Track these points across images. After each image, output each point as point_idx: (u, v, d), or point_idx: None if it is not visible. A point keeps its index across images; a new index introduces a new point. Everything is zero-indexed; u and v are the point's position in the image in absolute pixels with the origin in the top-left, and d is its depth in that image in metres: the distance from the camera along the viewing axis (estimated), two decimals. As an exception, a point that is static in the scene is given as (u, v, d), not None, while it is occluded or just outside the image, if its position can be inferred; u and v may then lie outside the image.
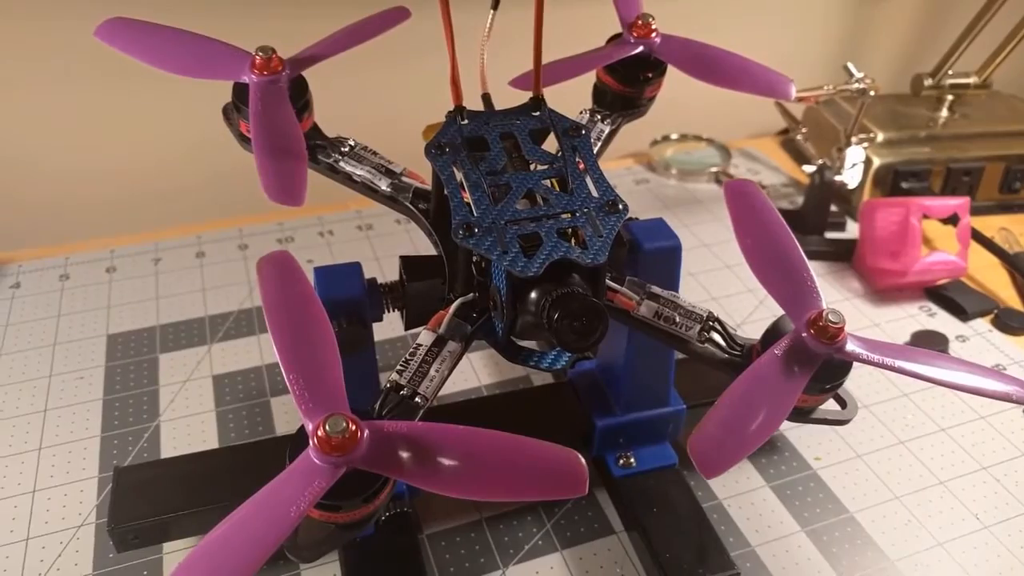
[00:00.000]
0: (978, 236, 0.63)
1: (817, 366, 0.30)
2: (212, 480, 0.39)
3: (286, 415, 0.48)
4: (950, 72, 0.74)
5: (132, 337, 0.54)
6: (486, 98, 0.36)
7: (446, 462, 0.26)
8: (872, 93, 0.64)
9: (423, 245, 0.42)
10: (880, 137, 0.71)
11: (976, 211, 0.70)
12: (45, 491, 0.43)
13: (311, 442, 0.25)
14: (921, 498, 0.45)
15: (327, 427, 0.25)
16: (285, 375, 0.27)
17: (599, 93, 0.42)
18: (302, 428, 0.26)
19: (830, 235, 0.66)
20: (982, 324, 0.58)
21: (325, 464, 0.25)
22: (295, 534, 0.28)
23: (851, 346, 0.30)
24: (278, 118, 0.33)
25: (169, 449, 0.46)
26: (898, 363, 0.30)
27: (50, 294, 0.57)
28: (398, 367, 0.30)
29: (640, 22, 0.40)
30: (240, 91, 0.36)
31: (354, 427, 0.25)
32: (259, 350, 0.53)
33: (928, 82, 0.74)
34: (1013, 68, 0.75)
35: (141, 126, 0.67)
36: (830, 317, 0.29)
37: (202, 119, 0.66)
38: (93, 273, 0.60)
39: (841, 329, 0.29)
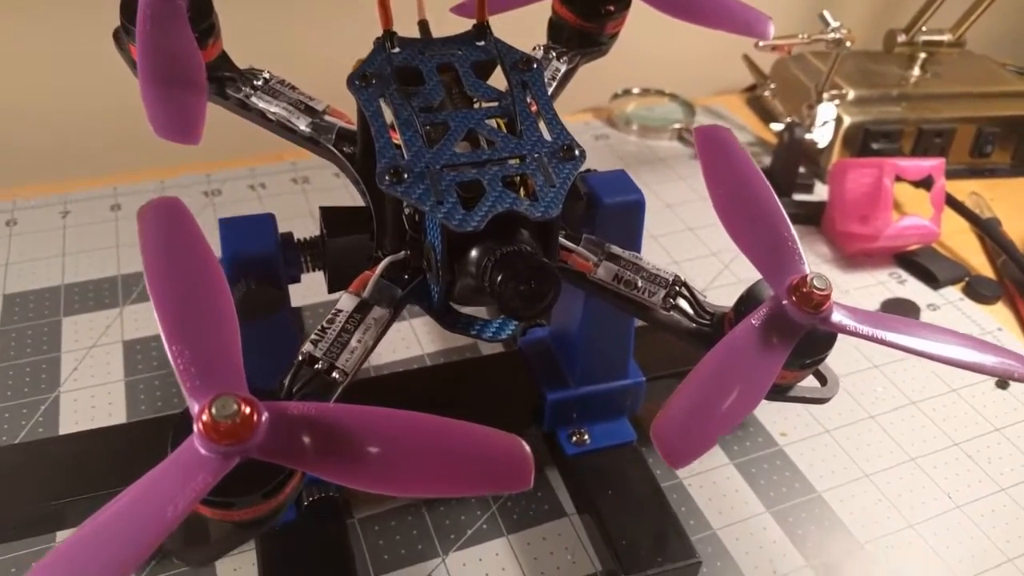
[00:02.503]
0: (951, 200, 0.60)
1: (799, 338, 0.26)
2: (110, 461, 0.34)
3: (204, 386, 0.43)
4: (924, 29, 0.70)
5: (31, 297, 0.48)
6: (423, 25, 0.31)
7: (364, 451, 0.22)
8: (848, 44, 0.61)
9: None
10: (851, 95, 0.67)
11: (947, 175, 0.67)
12: (-79, 473, 0.38)
13: (195, 428, 0.21)
14: (891, 476, 0.42)
15: (213, 410, 0.20)
16: (167, 347, 0.22)
17: (555, 27, 0.37)
18: (186, 410, 0.21)
19: (798, 197, 0.63)
20: (953, 292, 0.55)
21: (212, 454, 0.20)
22: (185, 535, 0.23)
23: (837, 316, 0.26)
24: (171, 40, 0.28)
25: (70, 424, 0.41)
26: (889, 336, 0.26)
27: (-61, 249, 0.51)
28: (312, 336, 0.26)
29: (603, -54, 0.35)
30: (129, 9, 0.30)
31: (248, 409, 0.21)
32: (158, 324, 0.47)
33: (901, 38, 0.71)
34: (987, 27, 0.72)
35: (48, 58, 0.60)
36: (815, 283, 0.25)
37: (112, 53, 0.60)
38: (-10, 226, 0.53)
39: (827, 296, 0.26)
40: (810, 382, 0.30)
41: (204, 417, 0.20)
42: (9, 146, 0.61)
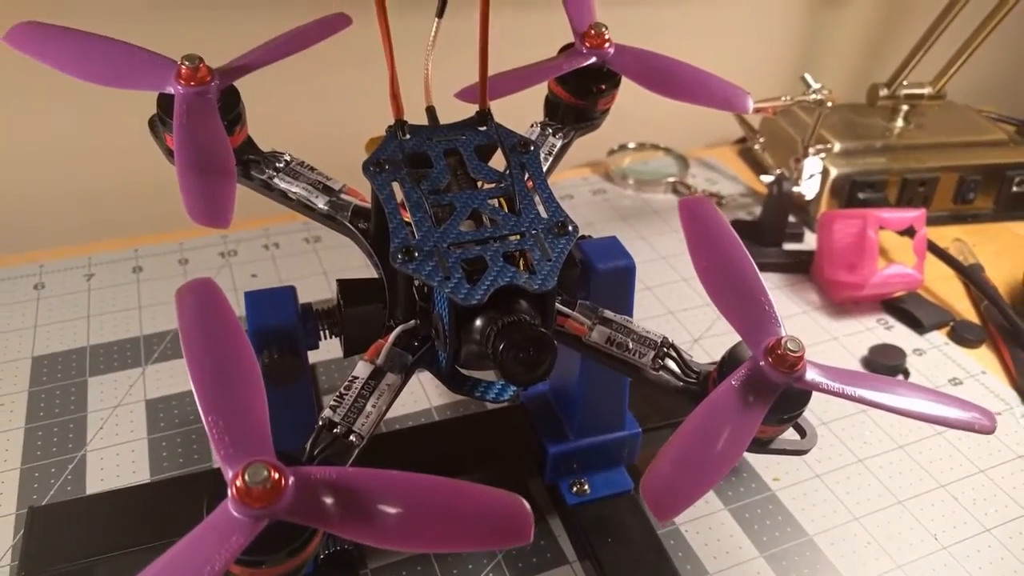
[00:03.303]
0: (934, 248, 0.63)
1: (776, 396, 0.28)
2: (140, 519, 0.36)
3: (224, 442, 0.45)
4: (905, 82, 0.74)
5: (59, 359, 0.51)
6: (430, 111, 0.34)
7: (380, 511, 0.24)
8: (829, 104, 0.64)
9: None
10: (837, 147, 0.71)
11: (930, 221, 0.70)
12: (-43, 530, 0.40)
13: (230, 493, 0.23)
14: (880, 519, 0.44)
15: (247, 477, 0.23)
16: (203, 417, 0.24)
17: (551, 106, 0.40)
18: (220, 476, 0.24)
19: (788, 246, 0.66)
20: (938, 337, 0.58)
21: (245, 517, 0.23)
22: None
23: (811, 375, 0.28)
24: (205, 132, 0.31)
25: (96, 481, 0.43)
26: (859, 392, 0.29)
27: (-29, 313, 0.54)
28: (331, 402, 0.28)
29: (593, 31, 0.38)
30: (165, 103, 0.33)
31: (277, 475, 0.23)
32: (195, 396, 0.50)
33: (883, 92, 0.74)
34: (967, 79, 0.76)
35: (70, 134, 0.63)
36: (788, 345, 0.28)
37: (136, 126, 0.63)
38: (19, 290, 0.56)
39: (800, 358, 0.28)
40: (791, 434, 0.32)
41: (238, 483, 0.23)
42: (36, 212, 0.65)
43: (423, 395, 0.49)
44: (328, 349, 0.34)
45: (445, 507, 0.24)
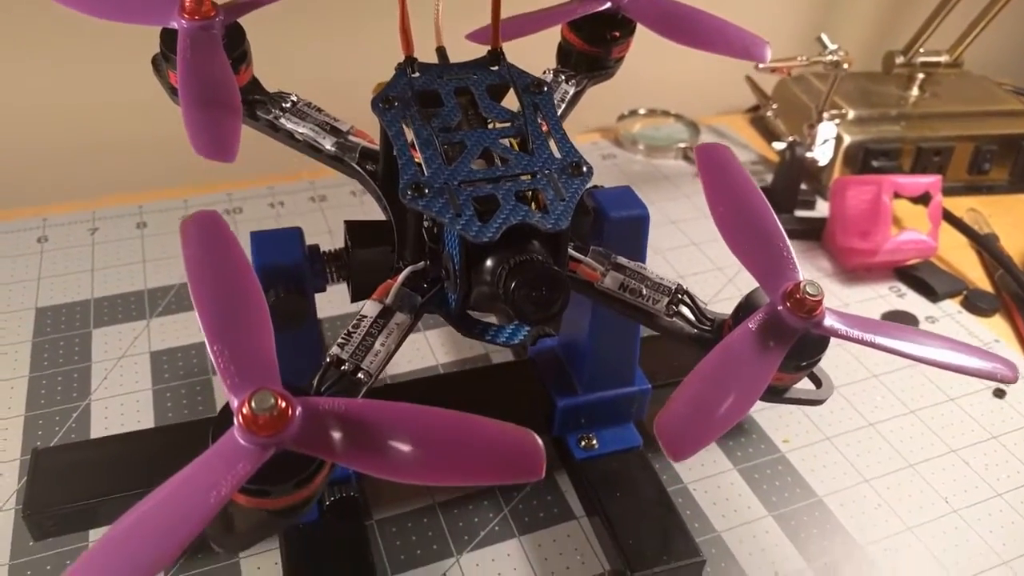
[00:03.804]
0: (949, 216, 0.62)
1: (793, 342, 0.28)
2: (142, 463, 0.36)
3: (228, 394, 0.45)
4: (921, 50, 0.73)
5: (63, 311, 0.50)
6: (441, 51, 0.33)
7: (388, 443, 0.23)
8: (846, 66, 0.63)
9: (380, 216, 0.39)
10: (851, 114, 0.69)
11: (945, 191, 0.69)
12: (-40, 475, 0.40)
13: (236, 420, 0.22)
14: (890, 481, 0.43)
15: (253, 404, 0.22)
16: (208, 347, 0.24)
17: (564, 52, 0.39)
18: (227, 406, 0.23)
19: (800, 213, 0.65)
20: (951, 305, 0.57)
21: (251, 445, 0.22)
22: (221, 522, 0.25)
23: (829, 321, 0.28)
24: (209, 67, 0.30)
25: (100, 430, 0.43)
26: (879, 339, 0.28)
27: (-26, 265, 0.53)
28: (339, 340, 0.28)
29: (608, -24, 0.37)
30: (169, 38, 0.32)
31: (284, 404, 0.22)
32: (200, 325, 0.49)
33: (899, 60, 0.73)
34: (984, 48, 0.74)
35: (75, 86, 0.62)
36: (808, 289, 0.27)
37: (141, 76, 0.62)
38: (23, 243, 0.56)
39: (819, 302, 0.27)
40: (807, 385, 0.32)
41: (244, 410, 0.22)
42: (40, 166, 0.64)
43: (430, 353, 0.49)
44: (335, 302, 0.34)
45: (456, 440, 0.23)
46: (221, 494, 0.22)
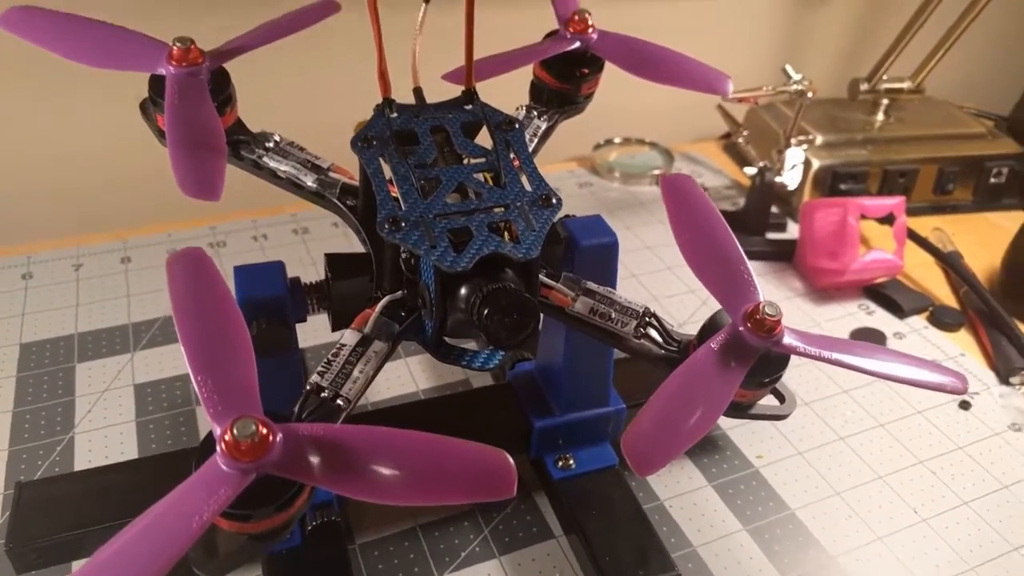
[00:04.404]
0: (913, 235, 0.64)
1: (754, 359, 0.29)
2: (125, 493, 0.37)
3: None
4: (885, 77, 0.76)
5: (47, 346, 0.51)
6: (417, 92, 0.34)
7: (366, 466, 0.24)
8: (810, 95, 0.65)
9: (361, 247, 0.40)
10: (819, 140, 0.72)
11: (911, 212, 0.71)
12: (-55, 511, 0.40)
13: (218, 447, 0.23)
14: (861, 493, 0.45)
15: (235, 430, 0.23)
16: (192, 376, 0.25)
17: (536, 89, 0.41)
18: (210, 434, 0.24)
19: (771, 236, 0.67)
20: (918, 321, 0.59)
21: (233, 471, 0.23)
22: (204, 547, 0.26)
23: (788, 339, 0.29)
24: (196, 111, 0.32)
25: (84, 463, 0.43)
26: (835, 355, 0.29)
27: (-41, 302, 0.54)
28: (319, 368, 0.29)
29: (576, 17, 0.39)
30: (157, 84, 0.33)
31: (265, 430, 0.23)
32: (185, 357, 0.50)
33: (864, 86, 0.76)
34: (944, 74, 0.77)
35: (63, 125, 0.64)
36: (767, 310, 0.29)
37: (124, 117, 0.63)
38: (8, 280, 0.56)
39: (778, 322, 0.29)
40: (770, 401, 0.33)
41: (227, 437, 0.23)
42: (25, 203, 0.65)
43: (410, 379, 0.50)
44: (315, 333, 0.35)
45: (430, 461, 0.24)
46: (203, 518, 0.23)
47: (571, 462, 0.41)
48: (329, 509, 0.37)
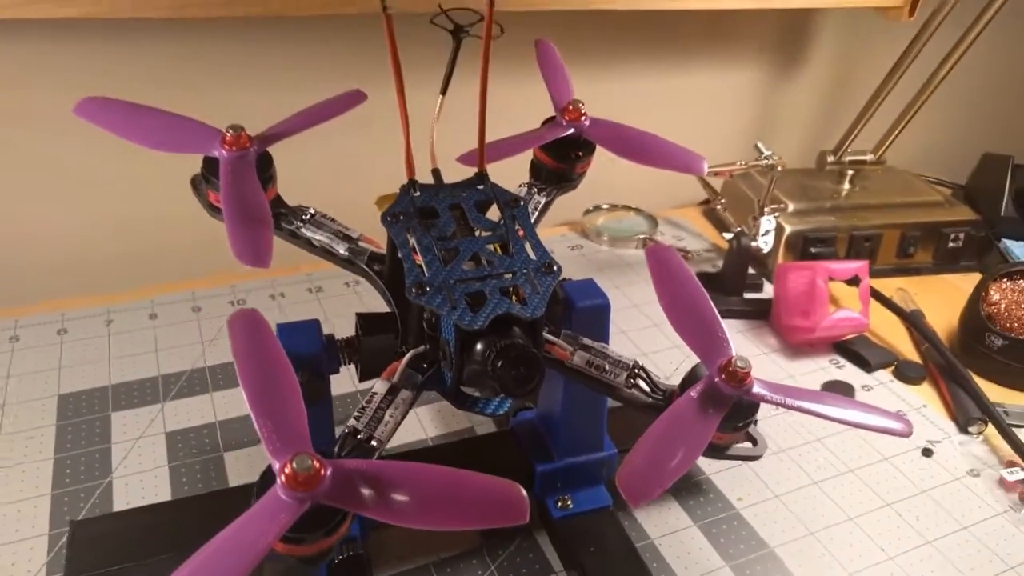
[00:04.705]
0: (877, 295, 0.69)
1: (729, 407, 0.34)
2: (168, 529, 0.41)
3: (239, 468, 0.50)
4: (849, 150, 0.82)
5: (84, 397, 0.55)
6: (436, 173, 0.40)
7: (400, 496, 0.29)
8: (779, 168, 0.71)
9: (372, 305, 0.45)
10: (791, 207, 0.78)
11: (876, 273, 0.77)
12: (-6, 550, 0.44)
13: (278, 479, 0.28)
14: (833, 533, 0.49)
15: (294, 464, 0.27)
16: (254, 419, 0.29)
17: (536, 169, 0.46)
18: (269, 468, 0.29)
19: (749, 295, 0.72)
20: (884, 375, 0.64)
21: (291, 500, 0.28)
22: (260, 568, 0.30)
23: (757, 388, 0.34)
24: (246, 189, 0.37)
25: (122, 504, 0.47)
26: (798, 403, 0.34)
27: (-1, 356, 0.58)
28: (355, 414, 0.33)
29: (571, 107, 0.45)
30: (209, 164, 0.39)
31: (318, 465, 0.28)
32: (212, 407, 0.54)
33: (831, 158, 0.82)
34: (905, 145, 0.84)
35: (93, 192, 0.69)
36: (738, 363, 0.34)
37: (154, 188, 0.69)
38: (44, 336, 0.60)
39: (748, 373, 0.34)
40: (745, 444, 0.38)
41: (287, 470, 0.28)
42: (59, 265, 0.69)
43: (420, 428, 0.54)
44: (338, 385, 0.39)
45: (454, 491, 0.29)
46: (268, 539, 0.27)
47: (569, 503, 0.45)
48: (354, 544, 0.41)
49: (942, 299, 0.74)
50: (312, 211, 0.41)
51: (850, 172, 0.83)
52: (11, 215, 0.67)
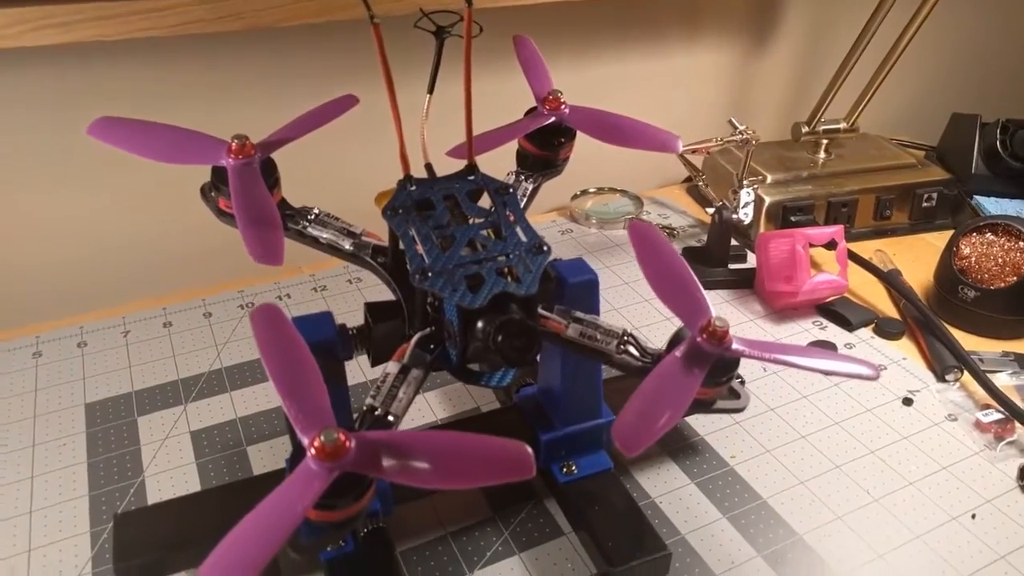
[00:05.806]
0: (855, 257, 0.73)
1: (711, 363, 0.37)
2: (205, 515, 0.44)
3: (263, 460, 0.53)
4: (822, 120, 0.86)
5: (109, 404, 0.58)
6: (428, 167, 0.43)
7: (418, 461, 0.32)
8: (753, 143, 0.74)
9: (374, 299, 0.48)
10: (769, 179, 0.81)
11: (855, 236, 0.81)
12: (40, 549, 0.47)
13: (308, 452, 0.31)
14: (821, 481, 0.52)
15: (323, 438, 0.31)
16: (282, 401, 0.32)
17: (521, 157, 0.49)
18: (298, 446, 0.32)
19: (733, 266, 0.75)
20: (865, 332, 0.67)
21: (322, 469, 0.31)
22: (296, 533, 0.33)
23: (736, 345, 0.37)
24: (255, 194, 0.40)
25: (156, 500, 0.50)
26: (774, 355, 0.37)
27: (25, 371, 0.61)
28: (371, 393, 0.36)
29: (551, 97, 0.48)
30: (218, 172, 0.42)
31: (343, 437, 0.31)
32: (231, 405, 0.58)
33: (805, 129, 0.86)
34: (876, 112, 0.87)
35: (106, 212, 0.72)
36: (717, 323, 0.37)
37: (164, 202, 0.72)
38: (65, 349, 0.63)
39: (727, 332, 0.37)
40: (729, 398, 0.41)
41: (316, 443, 0.31)
42: (78, 278, 0.72)
43: (429, 410, 0.57)
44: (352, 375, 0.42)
45: (468, 453, 0.32)
46: (305, 504, 0.30)
47: (573, 468, 0.49)
48: (376, 517, 0.44)
49: (919, 257, 0.78)
50: (316, 211, 0.44)
51: (825, 141, 0.86)
52: (22, 238, 0.70)
